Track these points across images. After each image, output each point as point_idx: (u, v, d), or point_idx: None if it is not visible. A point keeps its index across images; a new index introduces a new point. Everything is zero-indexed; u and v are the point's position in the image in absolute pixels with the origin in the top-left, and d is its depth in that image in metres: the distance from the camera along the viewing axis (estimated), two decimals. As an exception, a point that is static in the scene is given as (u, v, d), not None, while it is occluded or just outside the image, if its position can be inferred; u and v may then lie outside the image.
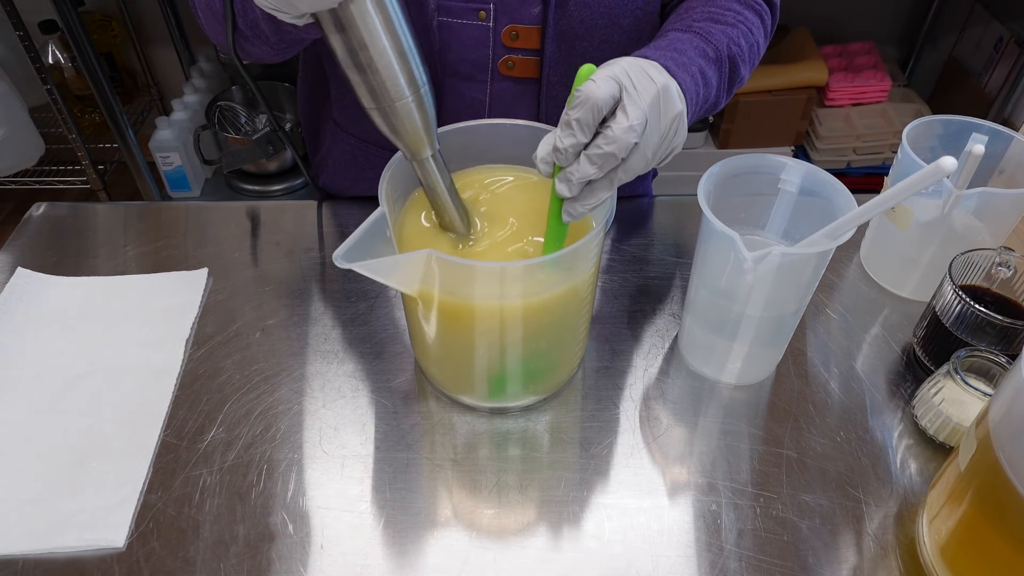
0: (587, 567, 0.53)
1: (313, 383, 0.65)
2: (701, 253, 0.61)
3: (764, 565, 0.53)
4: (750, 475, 0.59)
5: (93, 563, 0.53)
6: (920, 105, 1.89)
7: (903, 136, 0.67)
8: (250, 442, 0.61)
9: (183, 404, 0.63)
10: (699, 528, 0.55)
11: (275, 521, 0.55)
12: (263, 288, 0.74)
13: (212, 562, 0.53)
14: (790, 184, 0.60)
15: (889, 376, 0.67)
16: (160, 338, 0.69)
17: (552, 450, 0.61)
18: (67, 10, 1.49)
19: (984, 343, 0.61)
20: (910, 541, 0.55)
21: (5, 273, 0.75)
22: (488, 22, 0.70)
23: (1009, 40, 1.74)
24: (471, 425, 0.62)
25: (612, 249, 0.79)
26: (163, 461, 0.59)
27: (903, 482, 0.59)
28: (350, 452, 0.60)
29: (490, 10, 0.69)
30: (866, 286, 0.76)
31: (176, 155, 1.99)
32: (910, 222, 0.69)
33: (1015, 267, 0.64)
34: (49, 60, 1.87)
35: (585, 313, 0.60)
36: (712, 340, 0.64)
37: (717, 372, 0.66)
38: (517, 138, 0.62)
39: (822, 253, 0.54)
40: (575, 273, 0.54)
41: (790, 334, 0.64)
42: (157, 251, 0.78)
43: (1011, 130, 0.68)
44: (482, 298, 0.53)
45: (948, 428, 0.59)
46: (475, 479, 0.58)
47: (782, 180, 0.60)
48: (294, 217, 0.83)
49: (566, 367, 0.63)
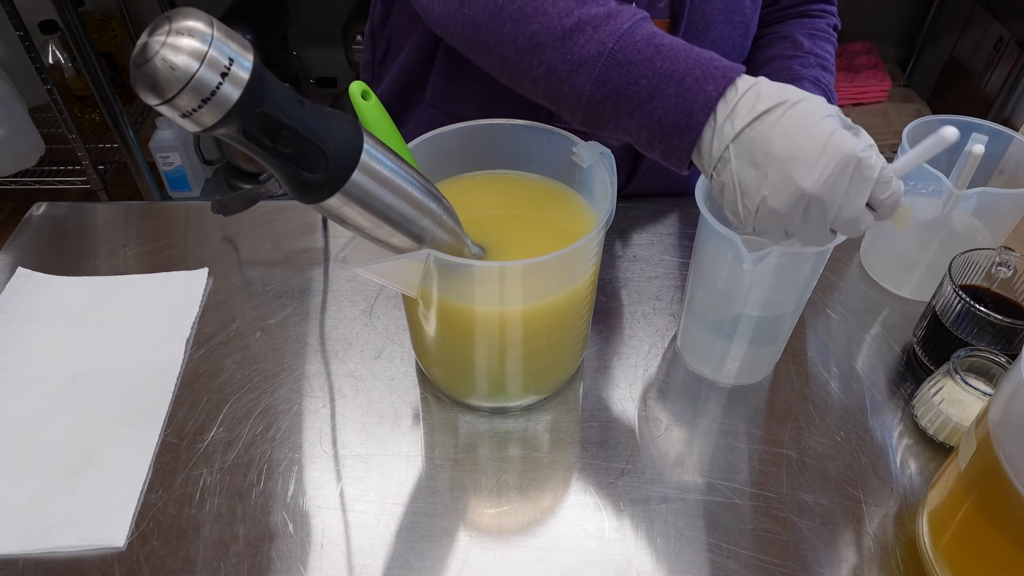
0: (587, 567, 0.53)
1: (313, 383, 0.65)
2: (699, 253, 0.61)
3: (764, 565, 0.53)
4: (750, 475, 0.59)
5: (93, 563, 0.53)
6: (920, 105, 1.89)
7: (903, 136, 0.67)
8: (250, 442, 0.61)
9: (183, 404, 0.63)
10: (699, 528, 0.55)
11: (275, 521, 0.55)
12: (263, 288, 0.74)
13: (212, 562, 0.53)
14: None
15: (889, 376, 0.67)
16: (160, 338, 0.69)
17: (552, 450, 0.61)
18: (67, 10, 1.50)
19: (984, 343, 0.61)
20: (910, 541, 0.55)
21: (5, 273, 0.75)
22: None
23: (1009, 40, 1.74)
24: (471, 425, 0.62)
25: (612, 249, 0.79)
26: (163, 461, 0.59)
27: (903, 482, 0.59)
28: (350, 452, 0.60)
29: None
30: (866, 286, 0.76)
31: (176, 155, 1.99)
32: (910, 222, 0.69)
33: (1015, 267, 0.64)
34: (49, 60, 1.87)
35: (585, 313, 0.60)
36: (710, 340, 0.64)
37: (715, 372, 0.66)
38: (517, 138, 0.62)
39: (820, 252, 0.54)
40: (575, 273, 0.54)
41: (788, 334, 0.64)
42: (157, 251, 0.78)
43: (1011, 130, 0.68)
44: (482, 298, 0.53)
45: (948, 428, 0.59)
46: (475, 479, 0.58)
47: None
48: (294, 217, 0.83)
49: (566, 367, 0.63)
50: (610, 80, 0.53)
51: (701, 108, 0.50)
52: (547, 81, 0.57)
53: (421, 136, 0.59)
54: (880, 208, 0.49)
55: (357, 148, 0.42)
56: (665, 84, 0.51)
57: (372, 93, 0.52)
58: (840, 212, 0.48)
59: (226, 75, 0.34)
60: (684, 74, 0.51)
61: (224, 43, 0.34)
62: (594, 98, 0.54)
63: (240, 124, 0.37)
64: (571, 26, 0.55)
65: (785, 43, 0.80)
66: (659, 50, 0.53)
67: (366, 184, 0.43)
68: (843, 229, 0.50)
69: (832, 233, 0.50)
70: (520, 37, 0.57)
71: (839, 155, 0.46)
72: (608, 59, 0.53)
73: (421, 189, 0.47)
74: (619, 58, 0.53)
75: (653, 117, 0.52)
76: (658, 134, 0.53)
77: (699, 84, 0.50)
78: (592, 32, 0.54)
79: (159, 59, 0.33)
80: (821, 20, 0.82)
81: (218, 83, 0.34)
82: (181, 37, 0.33)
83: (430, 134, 0.59)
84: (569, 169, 0.62)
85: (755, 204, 0.49)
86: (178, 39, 0.33)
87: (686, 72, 0.51)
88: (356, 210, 0.44)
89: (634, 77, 0.52)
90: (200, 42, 0.33)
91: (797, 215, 0.48)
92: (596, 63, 0.53)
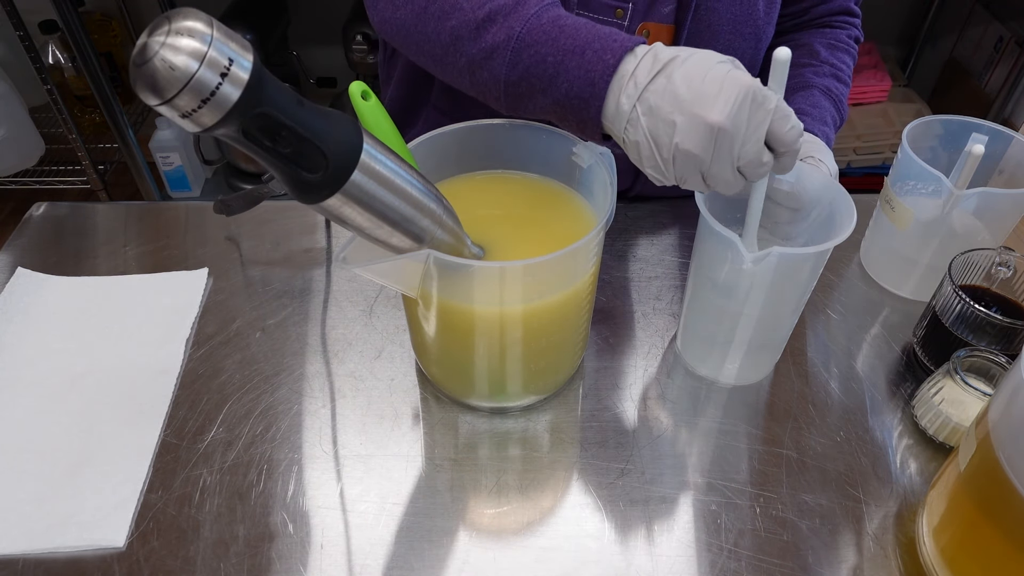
0: (587, 567, 0.53)
1: (313, 383, 0.65)
2: (699, 253, 0.61)
3: (764, 565, 0.53)
4: (750, 475, 0.59)
5: (93, 563, 0.53)
6: (920, 105, 1.89)
7: (903, 136, 0.67)
8: (250, 442, 0.61)
9: (183, 404, 0.63)
10: (699, 528, 0.55)
11: (275, 521, 0.55)
12: (263, 288, 0.74)
13: (212, 562, 0.53)
14: (784, 183, 0.60)
15: (889, 376, 0.67)
16: (160, 338, 0.69)
17: (552, 450, 0.61)
18: (67, 10, 1.49)
19: (984, 343, 0.61)
20: (910, 541, 0.55)
21: (5, 273, 0.75)
22: (624, 20, 0.71)
23: (1009, 40, 1.74)
24: (471, 425, 0.62)
25: (612, 249, 0.79)
26: (163, 461, 0.59)
27: (903, 482, 0.59)
28: (350, 452, 0.60)
29: (628, 8, 0.71)
30: (866, 286, 0.76)
31: (176, 155, 1.99)
32: (910, 222, 0.69)
33: (1015, 267, 0.64)
34: (49, 60, 1.87)
35: (585, 313, 0.60)
36: (710, 340, 0.64)
37: (715, 372, 0.66)
38: (517, 138, 0.62)
39: (820, 252, 0.54)
40: (575, 273, 0.54)
41: (787, 334, 0.64)
42: (157, 251, 0.79)
43: (1011, 130, 0.68)
44: (481, 298, 0.53)
45: (948, 428, 0.59)
46: (475, 479, 0.58)
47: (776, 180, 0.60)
48: (295, 217, 0.83)
49: (566, 367, 0.63)
50: (521, 62, 0.57)
51: (601, 76, 0.53)
52: (469, 71, 0.61)
53: (421, 136, 0.59)
54: (782, 143, 0.52)
55: (357, 148, 0.42)
56: (568, 59, 0.55)
57: (372, 93, 0.53)
58: (744, 146, 0.50)
59: (226, 75, 0.34)
60: (584, 48, 0.55)
61: (224, 43, 0.34)
62: (509, 80, 0.58)
63: (240, 124, 0.37)
64: (483, 17, 0.59)
65: (802, 51, 0.80)
66: (563, 30, 0.56)
67: (366, 184, 0.43)
68: (747, 170, 0.52)
69: (740, 176, 0.53)
70: (442, 33, 0.62)
71: (738, 86, 0.49)
72: (517, 42, 0.57)
73: (421, 189, 0.47)
74: (527, 40, 0.57)
75: (561, 91, 0.56)
76: (568, 108, 0.56)
77: (599, 56, 0.54)
78: (503, 20, 0.58)
79: (159, 59, 0.33)
80: (842, 31, 0.82)
81: (218, 83, 0.34)
82: (181, 37, 0.33)
83: (430, 134, 0.59)
84: (569, 169, 0.62)
85: (670, 153, 0.52)
86: (178, 39, 0.33)
87: (586, 46, 0.55)
88: (356, 210, 0.44)
89: (541, 56, 0.56)
90: (200, 42, 0.33)
91: (709, 152, 0.51)
92: (507, 47, 0.58)
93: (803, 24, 0.83)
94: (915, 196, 0.68)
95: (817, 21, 0.83)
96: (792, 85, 0.78)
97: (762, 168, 0.52)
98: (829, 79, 0.78)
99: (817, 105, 0.75)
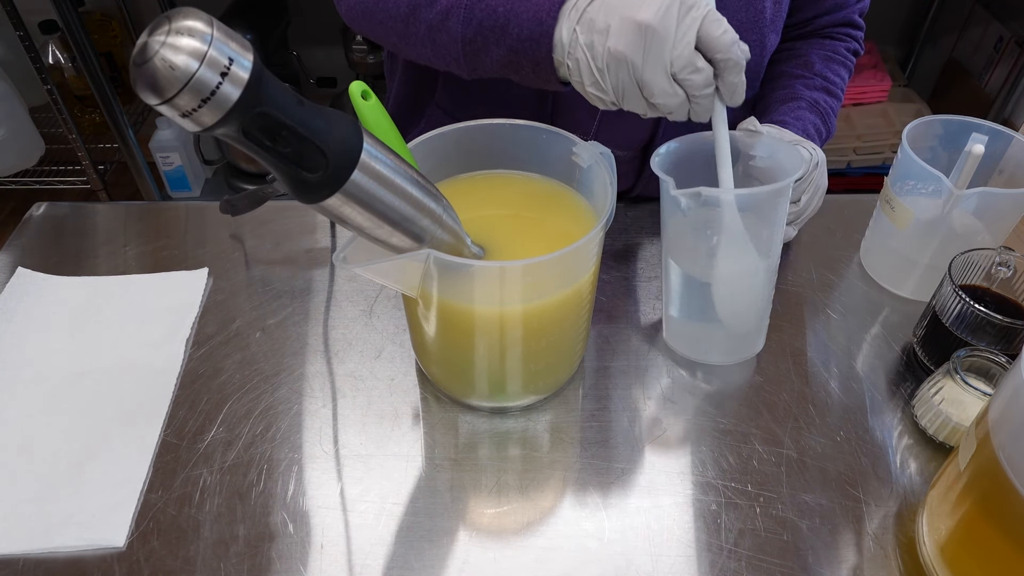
0: (587, 567, 0.53)
1: (313, 383, 0.65)
2: (664, 230, 0.63)
3: (764, 565, 0.53)
4: (750, 475, 0.59)
5: (93, 563, 0.53)
6: (920, 105, 1.89)
7: (903, 136, 0.67)
8: (250, 442, 0.61)
9: (183, 404, 0.63)
10: (699, 528, 0.55)
11: (275, 521, 0.55)
12: (263, 288, 0.74)
13: (212, 562, 0.53)
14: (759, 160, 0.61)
15: (889, 376, 0.67)
16: (160, 338, 0.69)
17: (552, 450, 0.61)
18: (67, 10, 1.50)
19: (984, 343, 0.61)
20: (910, 541, 0.55)
21: (5, 273, 0.75)
22: None
23: (1009, 40, 1.74)
24: (471, 425, 0.62)
25: (612, 249, 0.79)
26: (163, 461, 0.59)
27: (903, 482, 0.59)
28: (350, 452, 0.60)
29: None
30: (866, 286, 0.76)
31: (176, 155, 1.99)
32: (910, 222, 0.69)
33: (1015, 267, 0.64)
34: (49, 60, 1.87)
35: (585, 313, 0.60)
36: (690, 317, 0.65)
37: (704, 353, 0.66)
38: (517, 138, 0.62)
39: (772, 191, 0.55)
40: (575, 273, 0.54)
41: (767, 303, 0.64)
42: (157, 251, 0.79)
43: (1011, 130, 0.68)
44: (481, 298, 0.53)
45: (948, 428, 0.59)
46: (475, 479, 0.58)
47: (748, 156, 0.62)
48: (295, 217, 0.83)
49: (566, 367, 0.63)
50: (474, 17, 0.61)
51: (548, 13, 0.57)
52: (430, 39, 0.65)
53: (421, 136, 0.59)
54: (716, 47, 0.52)
55: (357, 148, 0.42)
56: (517, 5, 0.59)
57: (372, 93, 0.53)
58: (676, 49, 0.52)
59: (226, 75, 0.34)
60: None
61: (224, 43, 0.34)
62: (466, 37, 0.62)
63: (240, 124, 0.37)
64: None
65: (797, 61, 0.80)
66: None
67: (366, 184, 0.43)
68: (682, 76, 0.53)
69: (677, 87, 0.54)
70: (401, 6, 0.66)
71: None
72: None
73: (421, 189, 0.47)
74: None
75: (512, 37, 0.59)
76: (521, 53, 0.59)
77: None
78: None
79: (159, 59, 0.33)
80: (841, 43, 0.82)
81: (218, 83, 0.34)
82: (181, 37, 0.33)
83: (430, 134, 0.59)
84: (569, 169, 0.62)
85: (603, 60, 0.54)
86: (178, 39, 0.33)
87: None
88: (356, 210, 0.44)
89: (492, 8, 0.60)
90: (200, 42, 0.33)
91: (639, 53, 0.52)
92: (460, 5, 0.62)
93: (804, 34, 0.83)
94: (915, 196, 0.68)
95: (819, 32, 0.83)
96: (780, 96, 0.78)
97: (697, 75, 0.53)
98: (819, 92, 0.78)
99: (800, 118, 0.75)
